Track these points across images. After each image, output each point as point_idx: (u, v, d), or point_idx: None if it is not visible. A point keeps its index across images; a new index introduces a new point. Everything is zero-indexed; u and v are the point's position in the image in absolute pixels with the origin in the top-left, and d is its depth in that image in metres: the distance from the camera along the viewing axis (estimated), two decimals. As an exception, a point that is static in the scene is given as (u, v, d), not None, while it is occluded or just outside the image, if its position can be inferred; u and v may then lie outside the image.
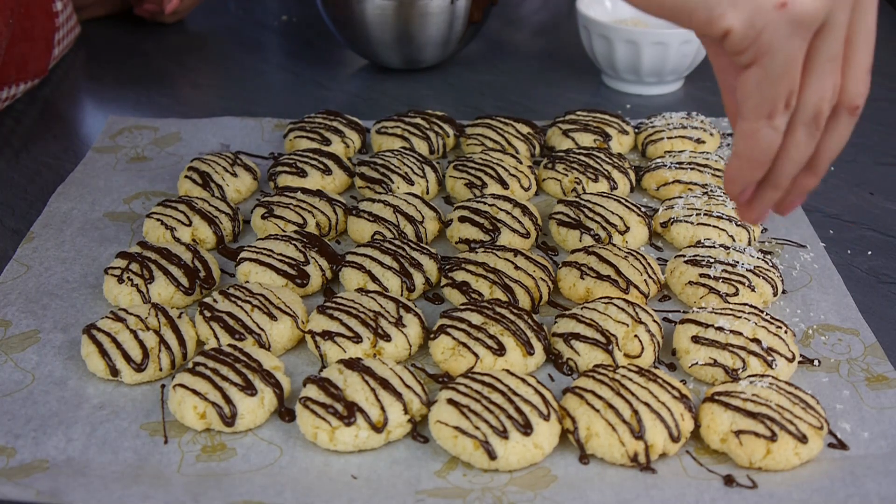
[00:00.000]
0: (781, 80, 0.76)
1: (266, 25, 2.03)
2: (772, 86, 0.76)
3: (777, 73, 0.75)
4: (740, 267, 1.11)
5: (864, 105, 0.82)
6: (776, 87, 0.76)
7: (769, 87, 0.76)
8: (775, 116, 0.78)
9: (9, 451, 0.90)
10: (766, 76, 0.75)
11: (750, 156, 0.81)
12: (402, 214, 1.23)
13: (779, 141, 0.80)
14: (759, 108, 0.78)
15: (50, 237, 1.23)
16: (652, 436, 0.89)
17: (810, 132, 0.80)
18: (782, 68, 0.75)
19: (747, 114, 0.78)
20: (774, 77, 0.75)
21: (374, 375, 0.94)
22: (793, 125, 0.79)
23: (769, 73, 0.75)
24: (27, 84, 1.58)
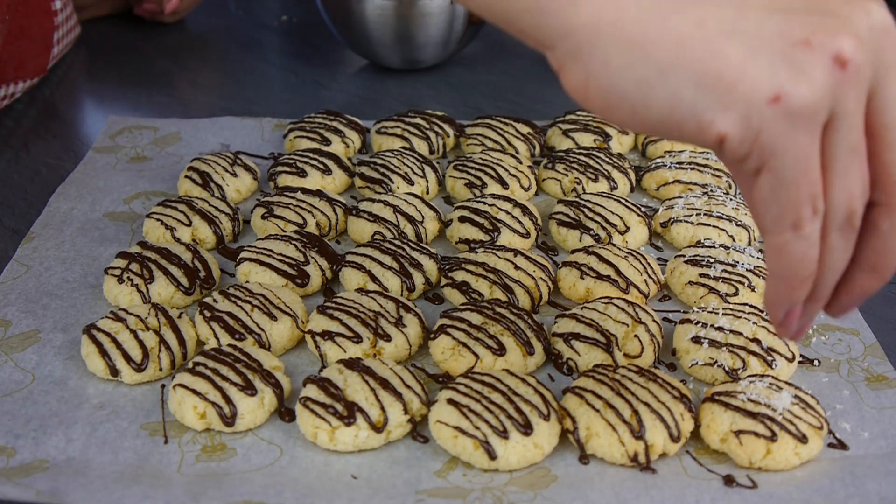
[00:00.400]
0: (799, 184, 0.65)
1: (266, 25, 2.03)
2: (788, 191, 0.66)
3: (791, 176, 0.65)
4: (740, 267, 1.11)
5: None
6: (794, 193, 0.66)
7: (786, 194, 0.66)
8: (803, 225, 0.67)
9: (9, 451, 0.90)
10: (779, 181, 0.66)
11: (786, 274, 0.70)
12: (402, 214, 1.23)
13: (814, 252, 0.69)
14: (781, 219, 0.67)
15: (50, 237, 1.23)
16: (652, 436, 0.89)
17: (845, 235, 0.69)
18: (795, 169, 0.65)
19: (771, 227, 0.68)
20: (789, 181, 0.65)
21: (374, 375, 0.94)
22: (826, 231, 0.69)
23: (782, 177, 0.65)
24: (26, 83, 1.58)
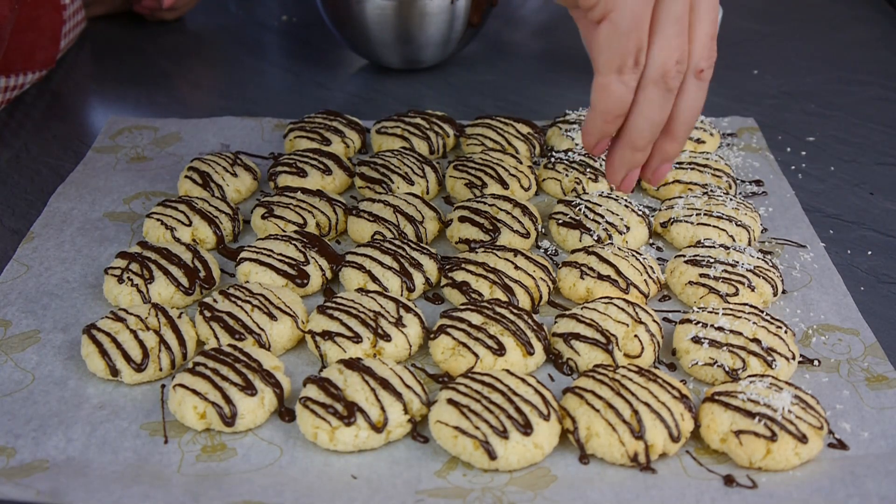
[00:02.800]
0: (629, 36, 0.81)
1: (266, 25, 2.03)
2: (620, 40, 0.82)
3: (625, 29, 0.81)
4: (740, 267, 1.11)
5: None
6: (624, 42, 0.82)
7: (618, 42, 0.82)
8: (624, 71, 0.83)
9: (9, 451, 0.90)
10: (615, 31, 0.82)
11: (602, 108, 0.86)
12: (402, 214, 1.23)
13: (629, 96, 0.85)
14: (609, 63, 0.83)
15: (50, 237, 1.23)
16: (652, 436, 0.89)
17: (660, 92, 0.85)
18: (629, 24, 0.81)
19: (600, 68, 0.84)
20: (622, 32, 0.81)
21: (374, 375, 0.94)
22: (643, 83, 0.85)
23: (618, 27, 0.81)
24: (35, 74, 1.59)
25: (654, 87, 0.85)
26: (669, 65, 0.84)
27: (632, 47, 0.82)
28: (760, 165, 1.41)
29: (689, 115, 0.89)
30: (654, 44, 0.83)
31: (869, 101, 1.65)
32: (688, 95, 0.88)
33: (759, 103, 1.64)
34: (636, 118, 0.87)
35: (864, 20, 2.02)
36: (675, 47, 0.83)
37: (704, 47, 0.86)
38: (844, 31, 1.96)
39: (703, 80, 0.87)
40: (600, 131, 0.89)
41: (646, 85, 0.85)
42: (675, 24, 0.82)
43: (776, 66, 1.80)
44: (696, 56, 0.86)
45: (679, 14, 0.82)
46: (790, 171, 1.41)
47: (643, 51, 0.83)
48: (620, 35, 0.81)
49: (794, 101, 1.65)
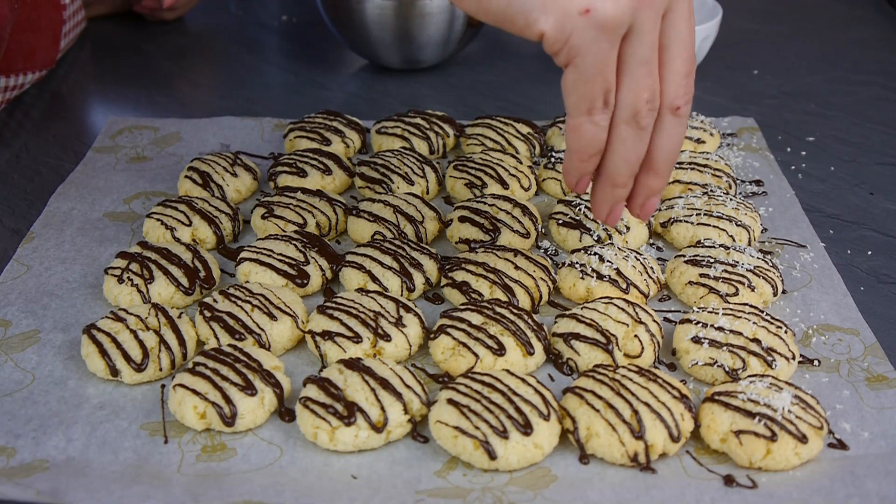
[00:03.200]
0: (595, 80, 0.82)
1: (266, 25, 2.03)
2: (586, 84, 0.82)
3: (589, 73, 0.81)
4: (740, 267, 1.11)
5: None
6: (590, 86, 0.82)
7: (584, 86, 0.82)
8: (594, 113, 0.84)
9: (9, 451, 0.90)
10: (580, 76, 0.82)
11: (577, 148, 0.87)
12: (402, 214, 1.23)
13: (602, 136, 0.86)
14: (578, 105, 0.84)
15: (50, 237, 1.23)
16: (652, 436, 0.89)
17: (633, 130, 0.86)
18: (594, 68, 0.81)
19: (570, 110, 0.85)
20: (588, 76, 0.81)
21: (374, 375, 0.94)
22: (615, 122, 0.86)
23: (582, 72, 0.81)
24: (35, 74, 1.59)
25: (626, 126, 0.86)
26: (640, 104, 0.84)
27: (598, 90, 0.83)
28: (760, 165, 1.41)
29: (668, 150, 0.89)
30: (622, 85, 0.84)
31: (869, 101, 1.65)
32: (665, 132, 0.88)
33: (759, 103, 1.64)
34: (612, 156, 0.88)
35: (864, 20, 2.02)
36: (645, 87, 0.83)
37: (678, 85, 0.86)
38: (844, 31, 1.96)
39: (680, 116, 0.87)
40: (578, 170, 0.90)
41: (618, 124, 0.86)
42: (643, 66, 0.83)
43: (776, 66, 1.80)
44: (671, 94, 0.86)
45: (645, 56, 0.82)
46: (790, 171, 1.41)
47: (611, 92, 0.83)
48: (586, 80, 0.82)
49: (794, 101, 1.65)
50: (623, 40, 0.81)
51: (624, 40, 0.81)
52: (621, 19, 0.79)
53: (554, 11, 0.79)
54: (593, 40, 0.79)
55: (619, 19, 0.79)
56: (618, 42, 0.81)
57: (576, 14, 0.78)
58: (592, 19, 0.78)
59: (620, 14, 0.79)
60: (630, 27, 0.80)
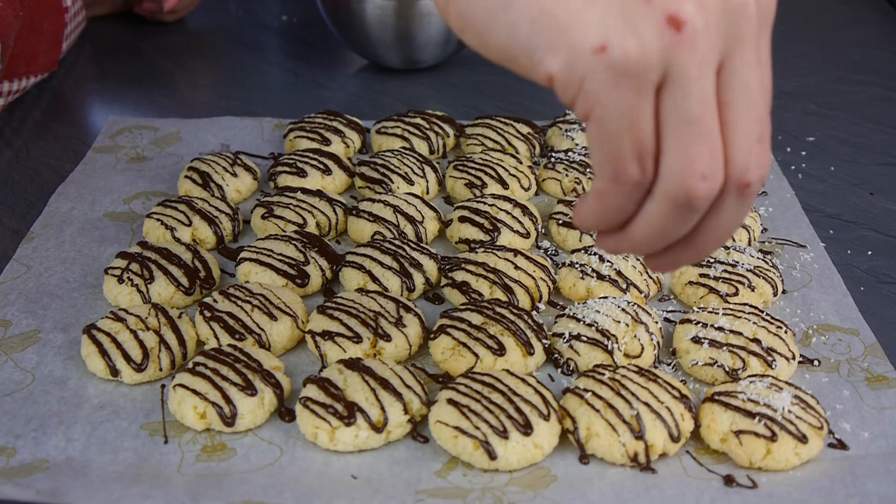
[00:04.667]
0: (622, 138, 0.63)
1: (266, 25, 2.03)
2: (611, 143, 0.64)
3: (613, 129, 0.63)
4: (740, 267, 1.11)
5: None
6: (617, 146, 0.64)
7: (609, 145, 0.64)
8: (623, 180, 0.65)
9: (9, 451, 0.90)
10: (602, 132, 0.64)
11: (597, 216, 0.69)
12: (402, 214, 1.23)
13: (630, 208, 0.68)
14: (603, 168, 0.65)
15: (50, 237, 1.23)
16: (652, 436, 0.89)
17: (680, 208, 0.66)
18: (618, 123, 0.63)
19: (596, 171, 0.67)
20: (611, 133, 0.63)
21: (374, 375, 0.94)
22: (655, 195, 0.66)
23: (605, 128, 0.63)
24: (37, 78, 1.59)
25: (670, 202, 0.65)
26: (692, 181, 0.63)
27: (629, 152, 0.64)
28: (760, 165, 1.41)
29: (719, 232, 0.69)
30: (666, 150, 0.64)
31: (869, 101, 1.65)
32: (723, 213, 0.67)
33: (759, 103, 1.63)
34: (641, 226, 0.68)
35: (864, 20, 2.02)
36: (697, 156, 0.63)
37: (748, 153, 0.64)
38: (844, 31, 1.96)
39: (749, 194, 0.66)
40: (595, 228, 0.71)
41: (658, 198, 0.66)
42: (689, 125, 0.63)
43: (776, 66, 1.78)
44: (739, 165, 0.64)
45: (693, 113, 0.62)
46: (790, 171, 1.41)
47: (648, 155, 0.64)
48: (611, 137, 0.63)
49: (794, 101, 1.65)
50: (662, 94, 0.63)
51: (662, 93, 0.63)
52: (647, 62, 0.61)
53: (563, 49, 0.62)
54: (613, 87, 0.61)
55: (645, 60, 0.61)
56: (649, 91, 0.62)
57: (588, 52, 0.61)
58: (609, 59, 0.60)
59: (645, 52, 0.60)
60: (666, 76, 0.62)
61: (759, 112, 0.65)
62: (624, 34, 0.60)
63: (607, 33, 0.61)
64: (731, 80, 0.64)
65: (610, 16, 0.61)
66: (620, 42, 0.60)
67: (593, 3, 0.62)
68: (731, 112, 0.64)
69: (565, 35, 0.62)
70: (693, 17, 0.61)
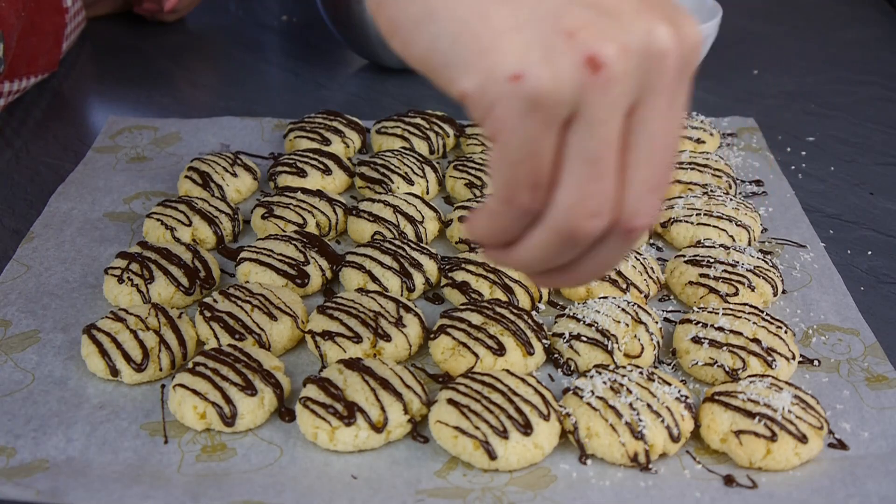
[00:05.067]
0: (520, 167, 0.63)
1: (266, 25, 2.03)
2: (510, 170, 0.64)
3: (515, 157, 0.63)
4: (740, 267, 1.11)
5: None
6: (514, 173, 0.64)
7: (507, 171, 0.64)
8: (515, 205, 0.65)
9: (9, 451, 0.90)
10: (504, 156, 0.63)
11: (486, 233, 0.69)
12: (402, 214, 1.23)
13: (517, 230, 0.68)
14: (499, 190, 0.66)
15: (50, 237, 1.23)
16: (652, 436, 0.89)
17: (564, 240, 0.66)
18: (520, 153, 0.62)
19: (492, 190, 0.67)
20: (512, 160, 0.63)
21: (374, 375, 0.94)
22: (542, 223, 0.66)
23: (507, 154, 0.63)
24: (37, 78, 1.59)
25: (555, 233, 0.66)
26: (579, 219, 0.64)
27: (524, 182, 0.64)
28: (760, 165, 1.41)
29: (598, 267, 0.70)
30: (560, 183, 0.64)
31: (869, 101, 1.65)
32: (603, 250, 0.68)
33: (759, 103, 1.64)
34: (525, 250, 0.68)
35: (864, 20, 2.02)
36: (590, 196, 0.63)
37: (639, 200, 0.65)
38: (844, 31, 1.96)
39: (633, 238, 0.67)
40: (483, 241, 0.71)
41: (545, 227, 0.66)
42: (590, 165, 0.62)
43: (776, 66, 1.80)
44: (629, 210, 0.65)
45: (595, 154, 0.62)
46: (790, 171, 1.41)
47: (542, 188, 0.64)
48: (511, 164, 0.63)
49: (794, 101, 1.65)
50: (568, 130, 0.62)
51: (569, 130, 0.62)
52: (559, 96, 0.60)
53: (479, 71, 0.61)
54: (522, 115, 0.61)
55: (557, 95, 0.60)
56: (554, 125, 0.61)
57: (503, 79, 0.60)
58: (523, 88, 0.59)
59: (559, 88, 0.59)
60: (576, 114, 0.61)
61: (658, 162, 0.65)
62: (541, 66, 0.60)
63: (525, 62, 0.60)
64: (638, 128, 0.64)
65: (531, 45, 0.60)
66: (536, 73, 0.60)
67: (517, 29, 0.61)
68: (631, 157, 0.64)
69: (483, 57, 0.61)
70: (612, 61, 0.60)
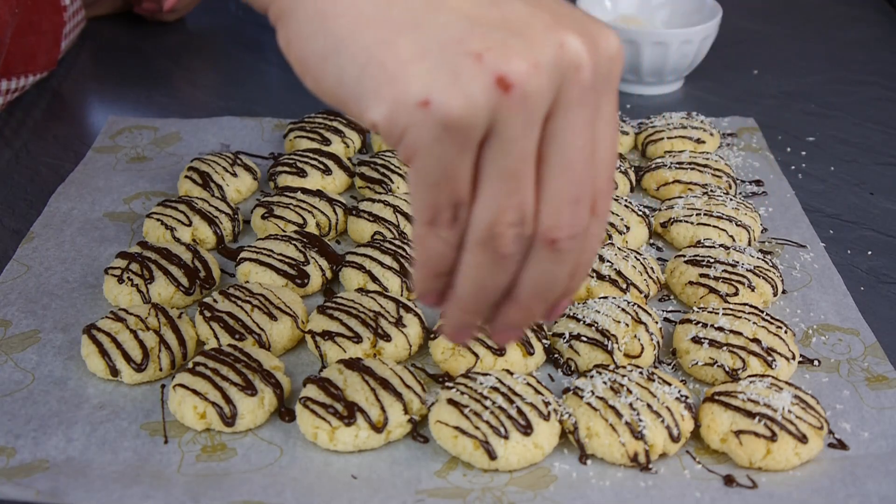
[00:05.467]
0: (438, 189, 0.64)
1: (266, 25, 2.00)
2: (428, 192, 0.65)
3: (432, 180, 0.64)
4: (740, 267, 1.11)
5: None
6: (434, 195, 0.65)
7: (426, 193, 0.65)
8: (439, 226, 0.67)
9: (9, 451, 0.90)
10: (420, 180, 0.65)
11: (421, 262, 0.70)
12: (402, 214, 1.23)
13: (449, 253, 0.69)
14: (421, 213, 0.67)
15: (50, 237, 1.23)
16: (652, 436, 0.89)
17: (489, 256, 0.67)
18: (436, 176, 0.64)
19: (415, 215, 0.68)
20: (430, 183, 0.64)
21: (374, 375, 0.94)
22: (466, 243, 0.67)
23: (423, 177, 0.64)
24: (36, 77, 1.59)
25: (481, 249, 0.67)
26: (499, 227, 0.65)
27: (444, 201, 0.65)
28: (760, 165, 1.41)
29: (537, 286, 0.70)
30: (478, 199, 0.65)
31: (869, 101, 1.65)
32: (535, 266, 0.68)
33: (759, 103, 1.64)
34: (461, 278, 0.70)
35: (864, 20, 2.02)
36: (507, 207, 0.64)
37: (557, 213, 0.65)
38: (844, 31, 1.96)
39: (559, 251, 0.67)
40: (423, 285, 0.72)
41: (470, 246, 0.67)
42: (506, 181, 0.64)
43: (776, 66, 1.80)
44: (547, 221, 0.66)
45: (510, 169, 0.63)
46: (790, 171, 1.41)
47: (463, 205, 0.65)
48: (428, 186, 0.64)
49: (794, 101, 1.65)
50: (484, 146, 0.63)
51: (485, 146, 0.63)
52: (471, 120, 0.60)
53: (387, 100, 0.62)
54: (434, 140, 0.61)
55: (468, 119, 0.60)
56: (469, 146, 0.62)
57: (412, 105, 0.60)
58: (432, 114, 0.60)
59: (470, 113, 0.60)
60: (490, 131, 0.62)
61: (575, 174, 0.65)
62: (449, 91, 0.60)
63: (431, 88, 0.60)
64: (552, 141, 0.64)
65: (436, 70, 0.60)
66: (444, 98, 0.60)
67: (422, 56, 0.61)
68: (546, 170, 0.65)
69: (390, 86, 0.62)
70: (523, 79, 0.60)
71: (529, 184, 0.65)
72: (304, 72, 0.68)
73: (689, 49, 1.58)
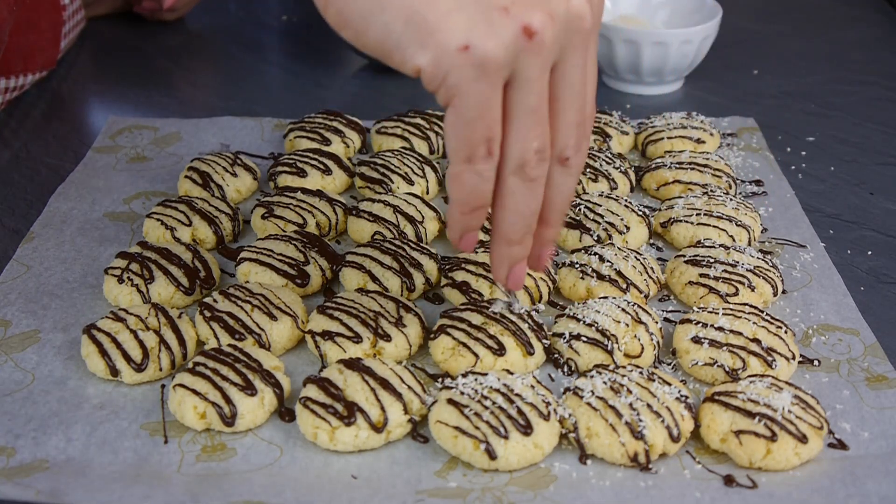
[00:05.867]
0: (476, 125, 0.76)
1: (266, 25, 2.03)
2: (466, 129, 0.76)
3: (470, 117, 0.75)
4: (740, 267, 1.11)
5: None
6: (471, 131, 0.76)
7: (464, 130, 0.76)
8: (476, 161, 0.78)
9: (9, 451, 0.90)
10: (459, 118, 0.76)
11: (458, 199, 0.82)
12: (402, 214, 1.23)
13: (484, 187, 0.81)
14: (458, 151, 0.78)
15: (50, 237, 1.23)
16: (652, 436, 0.89)
17: (523, 182, 0.81)
18: (474, 112, 0.75)
19: (451, 156, 0.79)
20: (468, 120, 0.76)
21: (374, 375, 0.94)
22: (502, 175, 0.81)
23: (462, 115, 0.76)
24: (35, 75, 1.59)
25: (515, 177, 0.80)
26: (528, 155, 0.79)
27: (480, 137, 0.77)
28: (760, 165, 1.41)
29: (559, 203, 0.85)
30: (509, 134, 0.78)
31: (869, 101, 1.65)
32: (554, 184, 0.84)
33: (759, 103, 1.64)
34: (502, 211, 0.83)
35: (864, 20, 2.02)
36: (534, 136, 0.78)
37: (568, 135, 0.81)
38: (844, 31, 1.96)
39: (570, 167, 0.83)
40: (461, 224, 0.85)
41: (506, 176, 0.81)
42: (531, 115, 0.77)
43: (776, 66, 1.80)
44: (560, 144, 0.81)
45: (534, 105, 0.77)
46: (790, 171, 1.41)
47: (495, 140, 0.78)
48: (466, 123, 0.76)
49: (794, 101, 1.65)
50: (509, 88, 0.76)
51: (509, 88, 0.76)
52: (502, 59, 0.73)
53: (431, 47, 0.73)
54: (473, 79, 0.73)
55: (500, 59, 0.73)
56: (500, 86, 0.75)
57: (454, 51, 0.72)
58: (472, 57, 0.72)
59: (502, 53, 0.73)
60: (514, 74, 0.75)
61: (581, 104, 0.81)
62: (485, 37, 0.72)
63: (470, 35, 0.72)
64: (561, 79, 0.79)
65: (472, 21, 0.72)
66: (481, 43, 0.72)
67: (459, 9, 0.72)
68: (558, 104, 0.80)
69: (433, 35, 0.73)
70: (543, 28, 0.73)
71: (546, 116, 0.79)
72: (345, 25, 0.78)
73: (689, 49, 1.58)
